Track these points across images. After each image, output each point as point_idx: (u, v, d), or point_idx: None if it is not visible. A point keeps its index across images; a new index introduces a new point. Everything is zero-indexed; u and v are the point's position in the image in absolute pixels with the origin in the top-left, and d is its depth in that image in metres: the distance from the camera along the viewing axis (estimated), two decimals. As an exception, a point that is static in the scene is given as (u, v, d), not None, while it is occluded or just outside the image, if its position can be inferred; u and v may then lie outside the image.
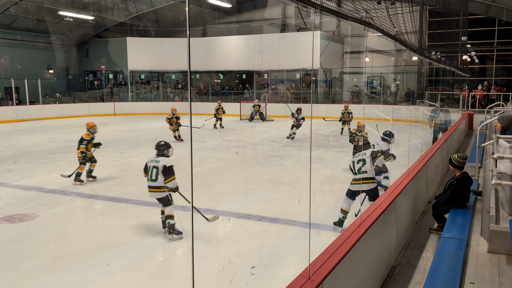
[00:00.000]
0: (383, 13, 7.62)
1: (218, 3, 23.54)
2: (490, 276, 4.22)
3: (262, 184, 8.75)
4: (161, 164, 5.82)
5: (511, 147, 4.57)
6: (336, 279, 3.12)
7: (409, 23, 9.13)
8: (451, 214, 5.67)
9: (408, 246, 5.35)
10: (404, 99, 24.15)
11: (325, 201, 7.48)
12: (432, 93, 21.91)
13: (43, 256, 5.32)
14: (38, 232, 6.13)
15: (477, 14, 23.21)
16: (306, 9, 24.40)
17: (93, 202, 7.68)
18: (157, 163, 5.85)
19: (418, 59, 20.66)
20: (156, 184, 5.84)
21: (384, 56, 23.12)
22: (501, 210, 4.78)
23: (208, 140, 15.00)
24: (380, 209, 4.32)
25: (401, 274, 4.58)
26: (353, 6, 5.83)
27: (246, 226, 6.37)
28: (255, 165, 10.80)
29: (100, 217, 7.10)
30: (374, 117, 16.38)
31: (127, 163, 10.96)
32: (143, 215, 6.92)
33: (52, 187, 8.53)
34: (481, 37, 25.00)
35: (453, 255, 4.34)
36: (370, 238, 3.95)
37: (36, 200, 7.67)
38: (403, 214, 5.38)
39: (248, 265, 4.97)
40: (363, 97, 24.90)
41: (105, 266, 5.00)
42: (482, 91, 22.05)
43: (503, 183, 4.42)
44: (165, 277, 4.79)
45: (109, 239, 5.89)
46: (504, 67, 25.71)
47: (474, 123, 18.17)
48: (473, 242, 5.02)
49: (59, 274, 4.86)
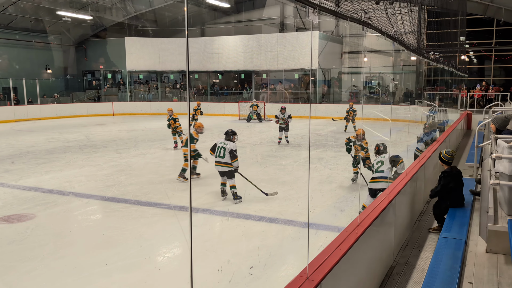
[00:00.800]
0: (382, 13, 7.63)
1: (217, 3, 23.54)
2: (489, 276, 4.23)
3: (260, 184, 8.74)
4: (228, 147, 7.43)
5: (509, 147, 4.57)
6: (335, 279, 3.12)
7: (407, 23, 9.14)
8: (450, 214, 5.67)
9: (406, 246, 5.35)
10: (403, 99, 24.18)
11: (323, 201, 7.48)
12: (430, 93, 21.95)
13: (41, 256, 5.31)
14: (36, 233, 6.12)
15: (475, 14, 23.26)
16: (304, 9, 24.41)
17: (91, 202, 7.67)
18: (225, 145, 7.47)
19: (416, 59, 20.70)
20: (222, 160, 7.45)
21: (383, 56, 23.14)
22: (499, 210, 4.79)
23: (207, 140, 14.99)
24: (378, 209, 4.32)
25: (400, 274, 4.58)
26: (351, 6, 5.83)
27: (244, 226, 6.37)
28: (254, 165, 10.80)
29: (98, 217, 7.09)
30: (373, 117, 16.40)
31: (125, 163, 10.95)
32: (142, 215, 6.91)
33: (50, 187, 8.52)
34: (479, 37, 25.05)
35: (451, 255, 4.35)
36: (368, 238, 3.95)
37: (34, 200, 7.65)
38: (402, 214, 5.39)
39: (246, 265, 4.97)
40: (361, 97, 24.92)
41: (103, 266, 5.00)
42: (480, 91, 22.08)
43: (502, 183, 4.42)
44: (164, 277, 4.79)
45: (107, 239, 5.89)
46: (502, 67, 25.76)
47: (472, 123, 18.20)
48: (472, 242, 5.02)
49: (57, 274, 4.85)
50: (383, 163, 6.42)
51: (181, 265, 5.11)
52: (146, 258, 5.25)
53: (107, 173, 9.79)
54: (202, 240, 5.71)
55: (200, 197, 7.68)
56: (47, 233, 6.16)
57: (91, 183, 8.93)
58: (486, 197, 4.83)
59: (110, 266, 5.00)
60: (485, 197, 4.90)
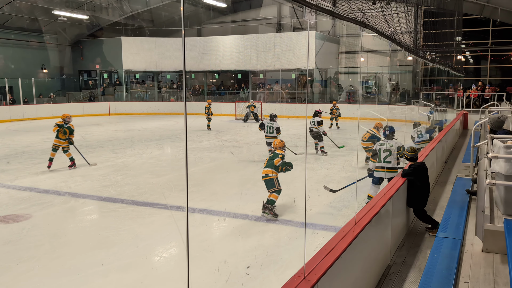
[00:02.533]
0: (378, 13, 7.64)
1: (213, 3, 23.50)
2: (485, 275, 4.24)
3: (257, 184, 8.73)
4: (275, 125, 10.84)
5: (505, 147, 4.58)
6: (331, 278, 3.12)
7: (404, 23, 9.16)
8: (446, 213, 5.69)
9: (403, 245, 5.36)
10: (399, 99, 24.24)
11: (320, 201, 7.48)
12: (427, 93, 22.01)
13: (37, 256, 5.29)
14: (32, 233, 6.09)
15: (471, 15, 23.32)
16: (301, 9, 24.37)
17: (87, 202, 7.65)
18: (272, 124, 10.89)
19: (413, 59, 20.74)
20: (271, 135, 10.81)
21: (379, 56, 23.18)
22: (496, 210, 4.80)
23: (204, 140, 14.98)
24: (375, 209, 4.33)
25: (396, 273, 4.58)
26: (348, 6, 5.84)
27: (241, 226, 6.37)
28: (251, 165, 10.79)
29: (94, 218, 7.07)
30: (369, 117, 16.43)
31: (121, 163, 10.92)
32: (138, 215, 6.89)
33: (46, 188, 8.48)
34: (475, 37, 25.13)
35: (448, 255, 4.36)
36: (365, 238, 3.95)
37: (30, 200, 7.62)
38: (398, 214, 5.40)
39: (243, 265, 4.96)
40: (358, 97, 24.96)
41: (100, 266, 4.98)
42: (477, 91, 22.16)
43: (498, 183, 4.44)
44: (160, 278, 4.77)
45: (103, 239, 5.87)
46: (498, 67, 25.86)
47: (468, 123, 18.24)
48: (468, 242, 5.03)
49: (53, 275, 4.84)
50: (390, 153, 6.79)
51: (178, 265, 5.10)
52: (143, 258, 5.24)
53: (104, 173, 9.76)
54: (199, 240, 5.70)
55: (197, 197, 7.67)
56: (43, 233, 6.14)
57: (88, 183, 8.90)
58: (482, 196, 4.85)
59: (107, 266, 4.99)
60: (481, 196, 4.91)
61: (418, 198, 5.79)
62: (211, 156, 11.95)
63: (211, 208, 7.07)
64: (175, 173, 9.72)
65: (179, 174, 9.59)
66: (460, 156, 11.46)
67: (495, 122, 6.52)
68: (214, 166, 10.66)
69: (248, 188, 8.46)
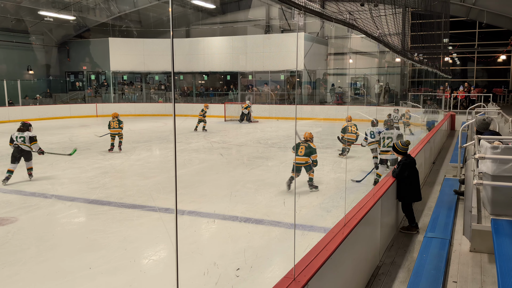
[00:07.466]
0: (367, 15, 7.68)
1: (202, 4, 23.46)
2: (473, 274, 4.27)
3: (247, 185, 8.72)
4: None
5: (492, 148, 4.63)
6: (321, 280, 3.11)
7: (392, 25, 9.23)
8: (434, 213, 5.73)
9: (392, 246, 5.39)
10: (388, 100, 24.42)
11: (310, 202, 7.49)
12: (415, 94, 22.21)
13: (23, 260, 5.20)
14: (18, 236, 6.00)
15: (458, 17, 23.62)
16: (290, 10, 24.39)
17: (74, 205, 7.55)
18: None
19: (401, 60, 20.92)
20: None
21: (368, 57, 23.35)
22: (483, 210, 4.85)
23: (193, 142, 14.92)
24: (364, 210, 4.34)
25: (386, 273, 4.60)
26: (336, 8, 5.86)
27: (231, 227, 6.34)
28: (240, 167, 10.77)
29: (82, 220, 6.98)
30: (358, 118, 16.51)
31: (109, 165, 10.82)
32: (126, 217, 6.82)
33: (32, 190, 8.36)
34: (462, 39, 25.46)
35: (436, 255, 4.39)
36: (355, 239, 3.96)
37: (16, 203, 7.50)
38: (387, 214, 5.42)
39: (233, 267, 4.94)
40: (347, 98, 25.09)
41: (87, 270, 4.92)
42: (464, 92, 22.42)
43: (485, 183, 4.48)
44: (149, 281, 4.73)
45: (91, 242, 5.80)
46: (484, 69, 26.22)
47: (456, 123, 18.45)
48: (456, 242, 5.08)
49: (40, 279, 4.76)
50: (392, 140, 8.30)
51: (167, 267, 5.06)
52: (131, 261, 5.18)
53: (91, 175, 9.65)
54: (188, 243, 5.66)
55: (186, 199, 7.62)
56: (29, 236, 6.04)
57: (75, 185, 8.80)
58: (470, 197, 4.89)
59: (94, 269, 4.93)
60: (468, 197, 4.96)
61: (407, 191, 5.82)
62: (200, 157, 11.90)
63: (200, 210, 7.03)
64: (163, 175, 9.65)
65: (167, 176, 9.53)
66: (447, 156, 11.57)
67: (480, 123, 6.63)
68: (203, 168, 10.62)
69: (238, 189, 8.44)
